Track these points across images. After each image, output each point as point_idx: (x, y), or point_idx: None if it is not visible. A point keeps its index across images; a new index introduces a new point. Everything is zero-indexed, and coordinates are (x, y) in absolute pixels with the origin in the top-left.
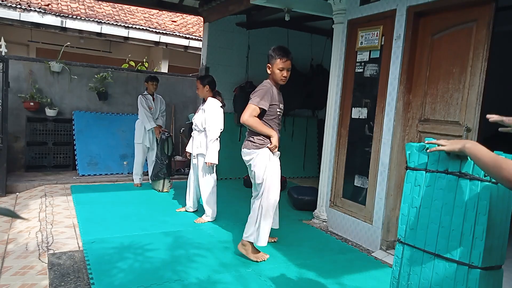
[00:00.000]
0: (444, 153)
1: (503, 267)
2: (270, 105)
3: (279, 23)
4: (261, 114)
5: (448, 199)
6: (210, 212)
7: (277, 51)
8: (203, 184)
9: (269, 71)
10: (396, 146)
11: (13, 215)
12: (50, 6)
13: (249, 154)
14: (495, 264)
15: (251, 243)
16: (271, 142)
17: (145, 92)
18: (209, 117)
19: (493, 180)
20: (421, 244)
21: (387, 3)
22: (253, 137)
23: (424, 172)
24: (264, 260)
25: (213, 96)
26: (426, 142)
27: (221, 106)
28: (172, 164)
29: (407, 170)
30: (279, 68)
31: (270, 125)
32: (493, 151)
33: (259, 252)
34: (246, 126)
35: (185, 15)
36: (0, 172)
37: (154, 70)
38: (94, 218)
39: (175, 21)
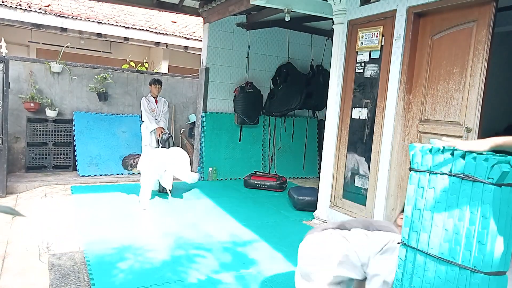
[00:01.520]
0: (449, 154)
1: (508, 273)
2: None
3: (279, 24)
4: None
5: (451, 202)
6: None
7: None
8: None
9: None
10: (396, 146)
11: (14, 212)
12: (50, 6)
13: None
14: (498, 270)
15: None
16: None
17: (149, 95)
18: None
19: (495, 182)
20: (424, 247)
21: (387, 3)
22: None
23: (427, 173)
24: None
25: None
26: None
27: None
28: None
29: (411, 172)
30: None
31: None
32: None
33: None
34: None
35: (185, 15)
36: (1, 173)
37: (154, 71)
38: (94, 218)
39: (175, 22)
